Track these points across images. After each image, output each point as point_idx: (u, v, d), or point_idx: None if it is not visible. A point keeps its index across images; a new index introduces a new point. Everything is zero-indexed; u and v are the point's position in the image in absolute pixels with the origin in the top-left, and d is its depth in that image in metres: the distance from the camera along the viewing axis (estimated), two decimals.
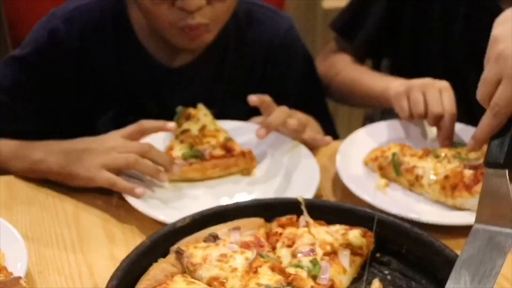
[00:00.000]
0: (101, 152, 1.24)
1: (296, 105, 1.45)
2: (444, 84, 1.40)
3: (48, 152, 1.27)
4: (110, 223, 1.21)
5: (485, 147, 1.20)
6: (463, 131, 1.40)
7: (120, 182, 1.22)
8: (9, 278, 0.95)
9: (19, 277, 0.94)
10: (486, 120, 1.10)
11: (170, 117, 1.39)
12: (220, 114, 1.44)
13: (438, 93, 1.39)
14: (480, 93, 1.12)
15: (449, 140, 1.37)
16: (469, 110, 1.58)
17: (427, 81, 1.41)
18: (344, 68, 1.68)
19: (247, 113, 1.47)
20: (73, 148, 1.26)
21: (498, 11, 1.53)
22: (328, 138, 1.39)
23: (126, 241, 1.16)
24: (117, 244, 1.16)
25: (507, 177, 1.01)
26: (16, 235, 1.07)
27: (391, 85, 1.46)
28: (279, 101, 1.42)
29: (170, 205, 1.23)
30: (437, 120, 1.38)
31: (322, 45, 2.01)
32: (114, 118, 1.48)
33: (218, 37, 1.43)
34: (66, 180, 1.26)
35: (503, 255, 0.94)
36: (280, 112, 1.34)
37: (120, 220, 1.21)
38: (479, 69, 1.61)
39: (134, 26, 1.43)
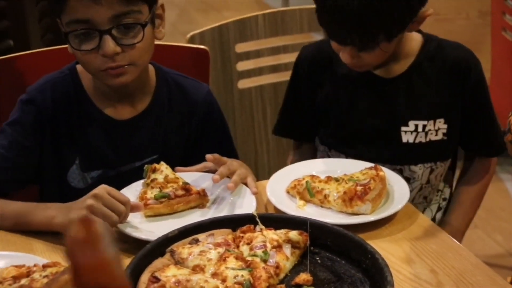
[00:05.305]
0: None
1: (215, 148, 1.88)
2: None
3: (57, 210, 1.63)
4: None
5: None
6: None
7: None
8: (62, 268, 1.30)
9: None
10: None
11: (124, 162, 1.86)
12: (160, 159, 1.84)
13: None
14: None
15: None
16: None
17: None
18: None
19: (180, 159, 1.92)
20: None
21: None
22: (255, 189, 1.76)
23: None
24: None
25: None
26: None
27: None
28: (201, 146, 1.91)
29: (151, 230, 1.62)
30: None
31: (239, 118, 2.51)
32: (81, 166, 1.86)
33: (156, 99, 1.89)
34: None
35: None
36: (225, 168, 1.76)
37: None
38: None
39: (88, 91, 1.87)
